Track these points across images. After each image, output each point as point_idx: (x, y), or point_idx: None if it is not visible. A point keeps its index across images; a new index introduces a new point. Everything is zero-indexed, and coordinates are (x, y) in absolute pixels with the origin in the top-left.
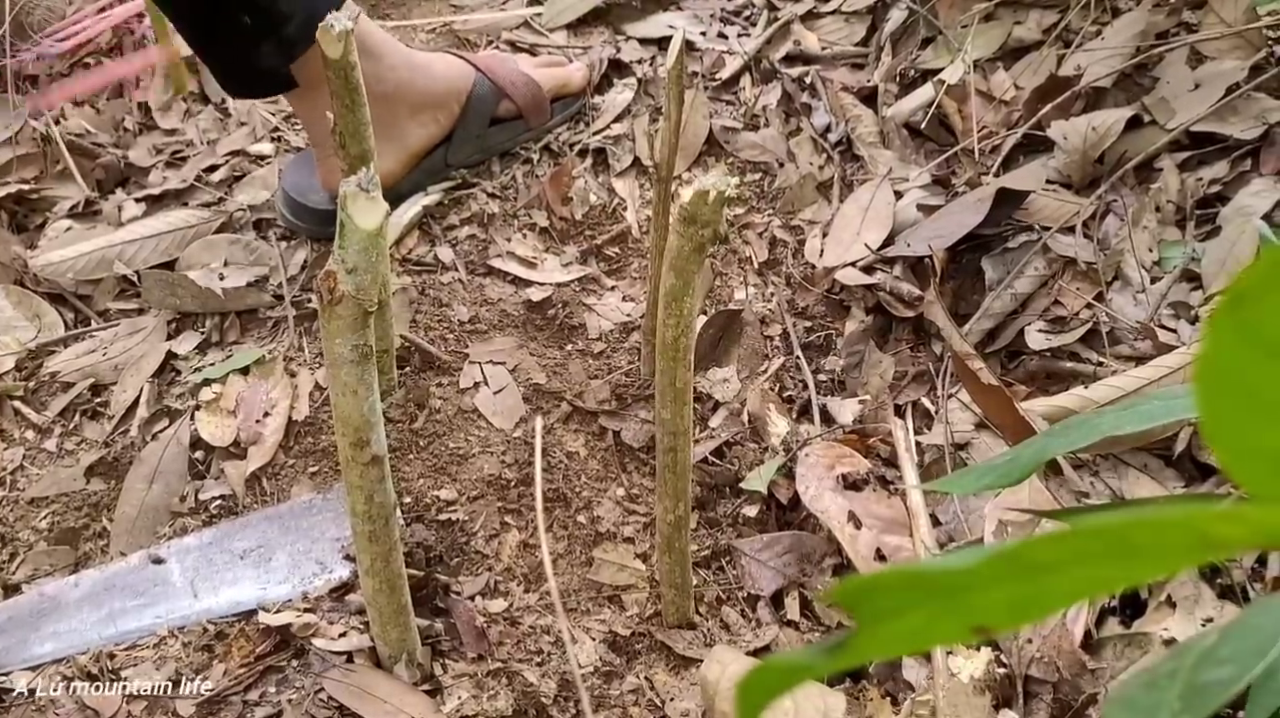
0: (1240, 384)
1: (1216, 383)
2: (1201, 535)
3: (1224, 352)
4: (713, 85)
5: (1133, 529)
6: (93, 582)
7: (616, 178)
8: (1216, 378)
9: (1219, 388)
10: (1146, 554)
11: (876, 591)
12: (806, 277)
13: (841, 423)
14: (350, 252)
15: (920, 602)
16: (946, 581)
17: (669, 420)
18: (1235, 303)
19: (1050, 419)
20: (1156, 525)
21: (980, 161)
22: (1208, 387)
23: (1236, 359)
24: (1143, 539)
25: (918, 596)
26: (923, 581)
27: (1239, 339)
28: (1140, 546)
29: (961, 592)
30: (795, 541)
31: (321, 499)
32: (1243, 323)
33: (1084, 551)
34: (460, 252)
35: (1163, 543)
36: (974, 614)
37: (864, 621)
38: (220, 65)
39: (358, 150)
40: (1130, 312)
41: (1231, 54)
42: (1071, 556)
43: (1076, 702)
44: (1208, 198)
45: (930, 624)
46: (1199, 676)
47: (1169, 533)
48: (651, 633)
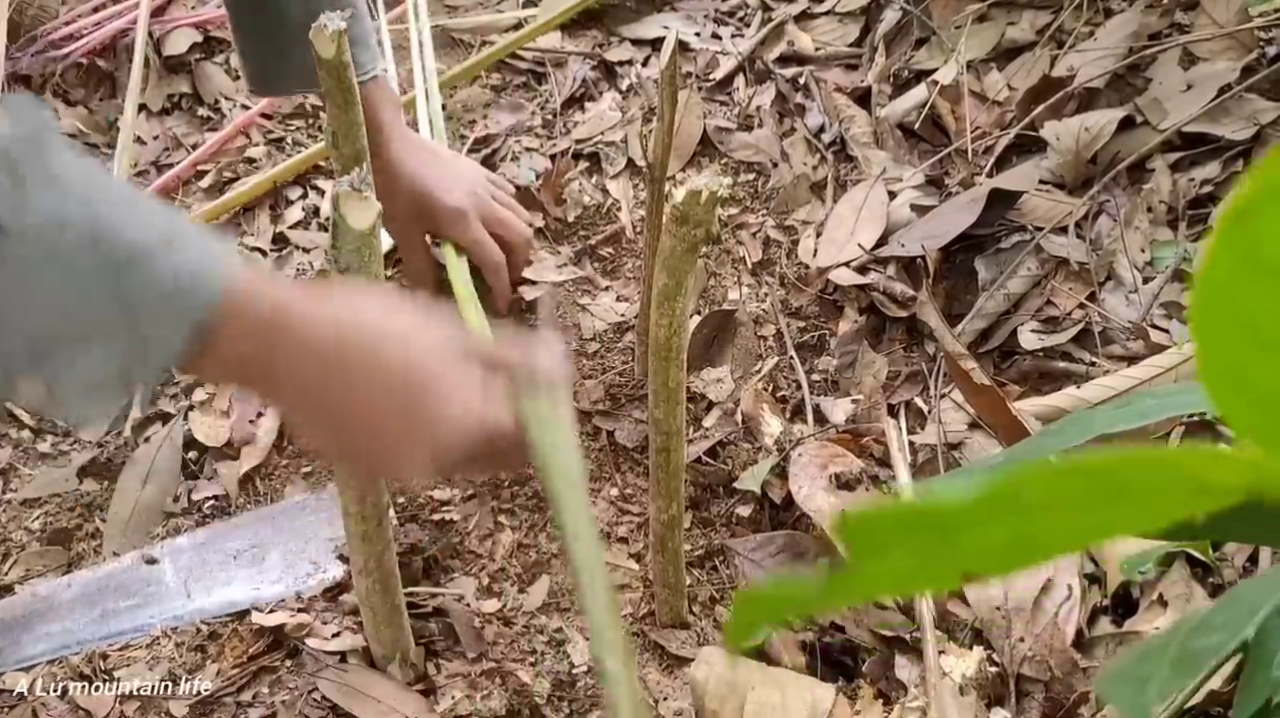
0: (1238, 311)
1: (1214, 309)
2: (1192, 478)
3: (1222, 273)
4: (707, 86)
5: (1124, 467)
6: (86, 582)
7: (610, 179)
8: (1214, 303)
9: (1216, 315)
10: (1137, 496)
11: (874, 523)
12: (800, 277)
13: (835, 423)
14: (343, 252)
15: (914, 537)
16: (940, 517)
17: (662, 420)
18: (1237, 219)
19: (1043, 419)
20: (1148, 463)
21: (973, 162)
22: (1204, 314)
23: (1235, 282)
24: (1134, 479)
25: (912, 530)
26: (917, 516)
27: (1237, 259)
28: (1131, 486)
29: (954, 531)
30: (789, 540)
31: (315, 499)
32: (1241, 241)
33: (1075, 489)
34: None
35: (1153, 484)
36: (964, 556)
37: (859, 555)
38: None
39: (350, 150)
40: (1122, 312)
41: (1223, 55)
42: (1062, 494)
43: (1068, 700)
44: (1200, 198)
45: (921, 567)
46: (1190, 643)
47: (1161, 473)
48: (645, 633)
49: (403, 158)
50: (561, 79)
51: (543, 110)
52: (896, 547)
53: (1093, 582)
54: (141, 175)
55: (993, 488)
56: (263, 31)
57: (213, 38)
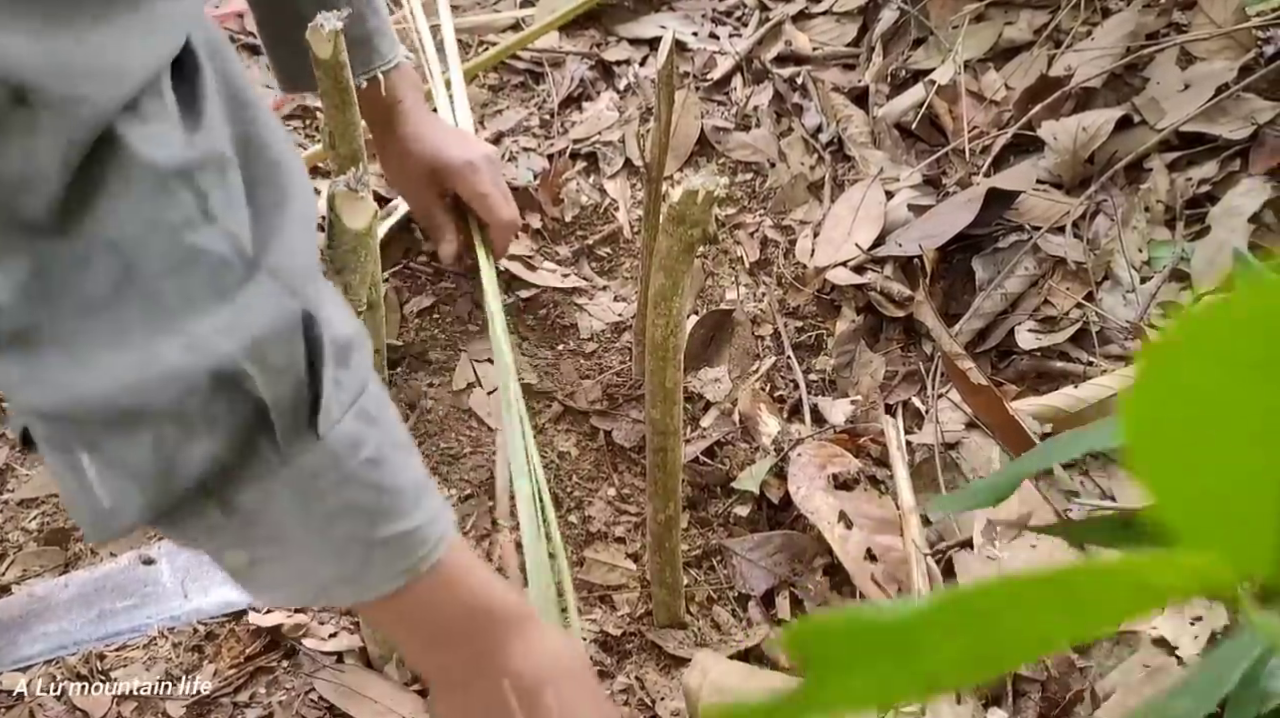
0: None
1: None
2: (1144, 585)
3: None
4: (704, 86)
5: (1077, 578)
6: (82, 582)
7: (608, 179)
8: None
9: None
10: (1092, 604)
11: (825, 637)
12: (798, 276)
13: (833, 423)
14: (339, 252)
15: (869, 653)
16: (895, 630)
17: (659, 420)
18: (1163, 354)
19: (1040, 419)
20: (1100, 574)
21: (971, 162)
22: (1136, 432)
23: (1164, 405)
24: (1087, 588)
25: (866, 645)
26: (871, 629)
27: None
28: (1085, 595)
29: (911, 645)
30: (786, 540)
31: None
32: (1169, 369)
33: (1030, 599)
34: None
35: (1106, 592)
36: (926, 669)
37: (814, 669)
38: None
39: (347, 150)
40: (1120, 311)
41: (1221, 54)
42: (1018, 604)
43: (1065, 700)
44: (1197, 198)
45: (883, 682)
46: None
47: (1112, 582)
48: (642, 633)
49: (420, 130)
50: (559, 79)
51: (540, 110)
52: (853, 662)
53: None
54: None
55: (947, 599)
56: (283, 30)
57: None
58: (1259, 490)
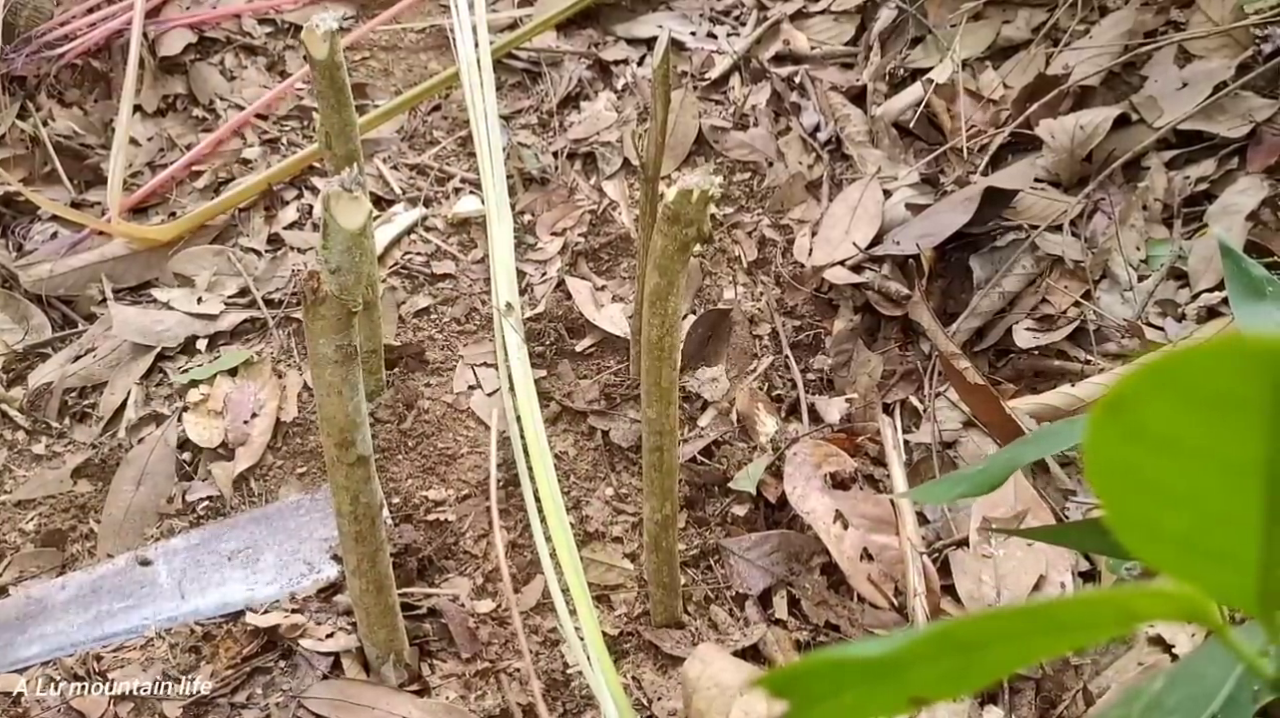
0: (1136, 478)
1: (1109, 478)
2: (1125, 611)
3: (1110, 450)
4: (702, 85)
5: (1061, 610)
6: (80, 584)
7: (606, 179)
8: (1109, 474)
9: (1113, 482)
10: (1073, 629)
11: (806, 678)
12: (795, 276)
13: (830, 422)
14: (334, 252)
15: (852, 683)
16: (877, 664)
17: (655, 420)
18: (1115, 407)
19: (1037, 418)
20: (1084, 605)
21: (969, 160)
22: (1102, 481)
23: (1125, 456)
24: (1070, 617)
25: (849, 679)
26: (853, 665)
27: (1125, 438)
28: (1068, 623)
29: (893, 671)
30: (784, 539)
31: (309, 500)
32: (1127, 424)
33: (1013, 629)
34: (454, 253)
35: (1089, 620)
36: (909, 688)
37: (798, 705)
38: None
39: (343, 150)
40: (1118, 310)
41: (1219, 52)
42: (1001, 634)
43: (1060, 697)
44: (1195, 196)
45: (866, 699)
46: None
47: (1095, 611)
48: (639, 632)
49: None
50: (557, 78)
51: (539, 110)
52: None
53: (1086, 578)
54: (136, 176)
55: (931, 633)
56: None
57: (208, 38)
58: (1232, 527)
